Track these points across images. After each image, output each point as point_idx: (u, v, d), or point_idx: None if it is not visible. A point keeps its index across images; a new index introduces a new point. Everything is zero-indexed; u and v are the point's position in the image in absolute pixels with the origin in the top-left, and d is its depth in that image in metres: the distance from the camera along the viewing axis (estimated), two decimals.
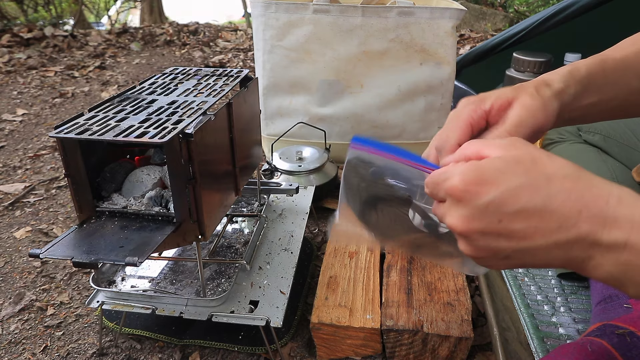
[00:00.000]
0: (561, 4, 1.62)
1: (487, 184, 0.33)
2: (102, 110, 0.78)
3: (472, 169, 0.34)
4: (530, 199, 0.32)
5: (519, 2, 5.34)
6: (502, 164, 0.34)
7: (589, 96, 0.49)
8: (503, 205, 0.33)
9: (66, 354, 0.98)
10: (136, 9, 6.88)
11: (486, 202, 0.33)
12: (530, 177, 0.33)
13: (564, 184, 0.32)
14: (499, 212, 0.33)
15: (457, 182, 0.34)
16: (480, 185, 0.33)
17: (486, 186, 0.33)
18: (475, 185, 0.34)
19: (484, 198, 0.33)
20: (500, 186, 0.33)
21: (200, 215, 0.76)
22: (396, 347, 0.88)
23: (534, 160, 0.34)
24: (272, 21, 1.46)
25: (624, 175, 0.98)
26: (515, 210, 0.33)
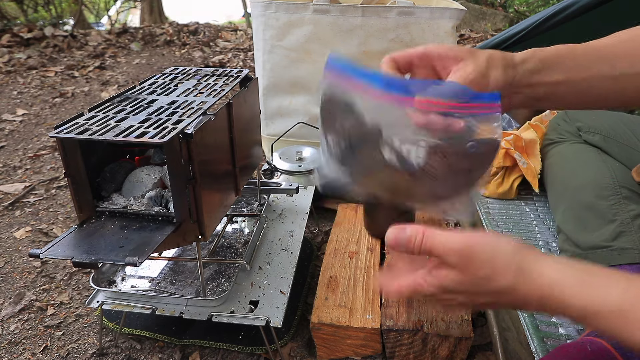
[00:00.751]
0: (561, 4, 1.61)
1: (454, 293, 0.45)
2: (102, 110, 0.78)
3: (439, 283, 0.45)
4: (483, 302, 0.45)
5: (519, 2, 5.34)
6: (460, 282, 0.44)
7: (554, 74, 0.52)
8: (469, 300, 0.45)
9: (66, 354, 0.98)
10: (136, 9, 6.88)
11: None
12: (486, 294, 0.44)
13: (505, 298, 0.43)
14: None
15: (430, 290, 0.45)
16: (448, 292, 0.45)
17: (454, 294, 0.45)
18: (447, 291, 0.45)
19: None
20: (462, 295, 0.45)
21: (200, 215, 0.76)
22: (396, 347, 0.88)
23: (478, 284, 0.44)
24: (272, 21, 1.46)
25: (624, 175, 0.98)
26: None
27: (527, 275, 0.42)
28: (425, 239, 0.45)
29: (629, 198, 0.93)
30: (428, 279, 0.45)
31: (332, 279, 0.99)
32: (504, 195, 1.29)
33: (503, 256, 0.43)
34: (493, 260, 0.42)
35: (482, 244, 0.43)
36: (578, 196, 1.00)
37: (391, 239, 0.46)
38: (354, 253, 1.07)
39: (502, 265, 0.42)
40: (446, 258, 0.43)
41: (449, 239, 0.44)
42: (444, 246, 0.43)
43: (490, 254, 0.43)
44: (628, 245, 0.84)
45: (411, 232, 0.45)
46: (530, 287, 0.41)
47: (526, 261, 0.42)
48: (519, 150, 1.29)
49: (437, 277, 0.44)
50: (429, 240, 0.44)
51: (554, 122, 1.28)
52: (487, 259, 0.43)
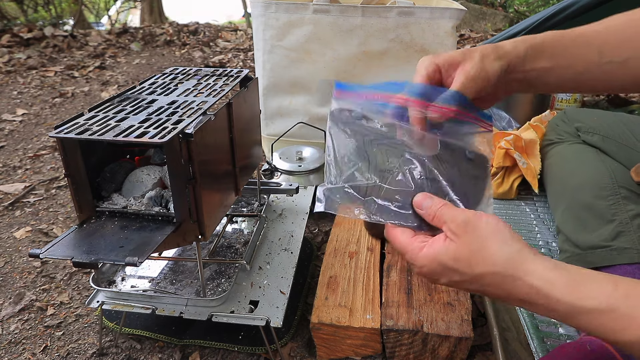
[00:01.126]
0: (561, 4, 1.61)
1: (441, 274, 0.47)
2: (102, 110, 0.78)
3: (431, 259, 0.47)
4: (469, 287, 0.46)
5: (519, 2, 5.34)
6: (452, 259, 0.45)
7: (543, 60, 0.54)
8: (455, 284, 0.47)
9: (66, 354, 0.98)
10: (136, 9, 6.88)
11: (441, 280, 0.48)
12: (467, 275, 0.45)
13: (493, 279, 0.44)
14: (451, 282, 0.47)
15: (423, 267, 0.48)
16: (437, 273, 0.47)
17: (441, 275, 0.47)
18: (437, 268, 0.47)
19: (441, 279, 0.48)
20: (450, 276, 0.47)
21: (200, 215, 0.76)
22: (396, 347, 0.88)
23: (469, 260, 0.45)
24: (272, 21, 1.46)
25: (623, 175, 0.98)
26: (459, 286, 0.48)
27: (518, 267, 0.42)
28: (442, 208, 0.47)
29: (628, 198, 0.93)
30: (425, 249, 0.47)
31: (332, 279, 0.99)
32: (504, 196, 1.29)
33: (499, 241, 0.44)
34: (489, 240, 0.44)
35: (485, 224, 0.45)
36: (577, 196, 1.00)
37: (419, 199, 0.50)
38: (354, 253, 1.07)
39: (495, 248, 0.43)
40: (449, 225, 0.46)
41: (459, 212, 0.46)
42: (452, 215, 0.46)
43: (488, 234, 0.44)
44: (627, 245, 0.84)
45: (436, 200, 0.49)
46: (519, 279, 0.42)
47: (521, 253, 0.43)
48: (519, 150, 1.29)
49: (432, 247, 0.46)
50: (444, 209, 0.47)
51: (553, 122, 1.28)
52: (483, 237, 0.44)
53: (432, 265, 0.46)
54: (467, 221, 0.45)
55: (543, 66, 0.54)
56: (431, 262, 0.46)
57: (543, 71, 0.54)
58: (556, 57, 0.54)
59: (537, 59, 0.54)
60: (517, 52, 0.53)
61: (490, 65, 0.52)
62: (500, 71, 0.52)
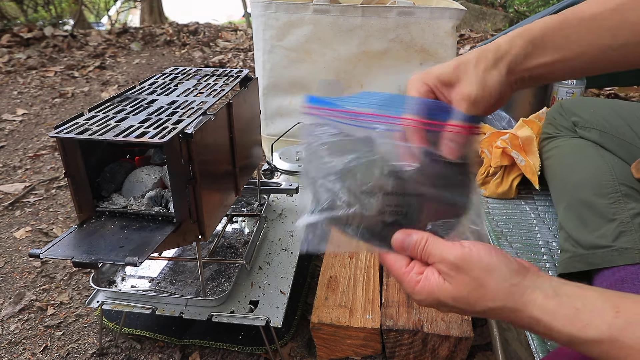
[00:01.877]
0: (561, 4, 1.61)
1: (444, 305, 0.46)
2: (102, 110, 0.78)
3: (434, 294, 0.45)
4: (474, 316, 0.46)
5: (519, 2, 5.34)
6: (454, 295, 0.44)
7: (546, 54, 0.49)
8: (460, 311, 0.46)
9: (66, 354, 0.98)
10: (136, 9, 6.88)
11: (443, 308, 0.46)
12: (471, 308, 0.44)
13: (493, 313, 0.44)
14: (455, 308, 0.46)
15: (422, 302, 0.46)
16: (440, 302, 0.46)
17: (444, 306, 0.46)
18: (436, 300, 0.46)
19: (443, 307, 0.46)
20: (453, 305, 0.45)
21: (200, 215, 0.76)
22: (396, 347, 0.88)
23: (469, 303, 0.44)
24: (272, 21, 1.46)
25: (623, 171, 0.97)
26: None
27: (518, 299, 0.42)
28: (427, 245, 0.45)
29: (629, 196, 0.92)
30: (421, 283, 0.45)
31: (332, 279, 0.99)
32: (504, 195, 1.29)
33: (496, 277, 0.43)
34: (485, 278, 0.43)
35: (477, 261, 0.43)
36: (577, 194, 1.00)
37: (398, 241, 0.47)
38: (354, 253, 1.07)
39: (493, 284, 0.42)
40: (439, 266, 0.44)
41: (447, 249, 0.44)
42: (441, 254, 0.44)
43: (483, 272, 0.43)
44: (628, 245, 0.84)
45: (417, 237, 0.46)
46: (519, 311, 0.42)
47: (519, 286, 0.42)
48: (516, 148, 1.29)
49: (429, 282, 0.45)
50: (430, 246, 0.45)
51: (550, 115, 1.28)
52: (479, 276, 0.43)
53: (430, 300, 0.45)
54: (458, 262, 0.43)
55: (548, 60, 0.50)
56: (429, 296, 0.45)
57: (549, 65, 0.50)
58: (561, 49, 0.49)
59: (540, 54, 0.50)
60: (516, 51, 0.49)
61: (490, 77, 0.48)
62: (499, 80, 0.49)
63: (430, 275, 0.45)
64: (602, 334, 0.38)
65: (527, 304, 0.41)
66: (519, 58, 0.49)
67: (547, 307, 0.40)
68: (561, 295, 0.41)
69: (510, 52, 0.49)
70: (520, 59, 0.49)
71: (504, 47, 0.49)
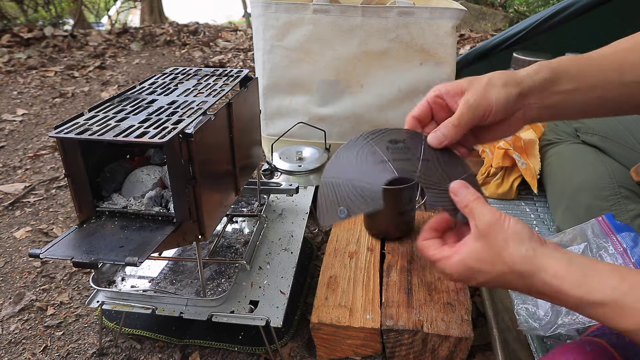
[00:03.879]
0: (561, 4, 1.62)
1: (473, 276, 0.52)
2: (102, 110, 0.78)
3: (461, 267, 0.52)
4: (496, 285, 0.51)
5: (519, 2, 5.34)
6: (478, 264, 0.51)
7: (564, 83, 0.55)
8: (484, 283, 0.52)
9: (66, 354, 0.98)
10: (136, 9, 6.88)
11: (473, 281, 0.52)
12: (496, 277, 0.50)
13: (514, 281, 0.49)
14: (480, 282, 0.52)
15: (454, 274, 0.53)
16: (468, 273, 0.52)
17: (472, 276, 0.52)
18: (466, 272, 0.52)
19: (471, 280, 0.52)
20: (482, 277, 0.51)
21: (200, 215, 0.76)
22: (396, 347, 0.88)
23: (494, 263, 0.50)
24: (272, 21, 1.46)
25: (623, 175, 0.98)
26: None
27: (533, 264, 0.46)
28: (475, 201, 0.52)
29: (629, 198, 0.93)
30: (454, 258, 0.52)
31: (332, 279, 0.99)
32: (504, 196, 1.29)
33: (518, 241, 0.48)
34: (508, 241, 0.48)
35: (507, 226, 0.49)
36: (577, 197, 1.00)
37: (456, 186, 0.54)
38: (354, 253, 1.07)
39: (513, 248, 0.48)
40: (477, 221, 0.51)
41: (487, 210, 0.50)
42: (480, 212, 0.50)
43: (508, 236, 0.48)
44: None
45: (471, 192, 0.53)
46: (534, 276, 0.46)
47: (536, 252, 0.47)
48: (518, 150, 1.29)
49: (460, 254, 0.51)
50: (476, 203, 0.52)
51: (552, 122, 1.28)
52: (504, 239, 0.48)
53: (461, 270, 0.51)
54: (492, 223, 0.49)
55: (566, 88, 0.55)
56: (459, 267, 0.51)
57: (566, 94, 0.55)
58: (576, 80, 0.55)
59: (558, 83, 0.55)
60: (533, 79, 0.54)
61: (495, 92, 0.53)
62: (505, 99, 0.53)
63: (461, 247, 0.52)
64: (606, 296, 0.42)
65: (540, 269, 0.46)
66: (535, 84, 0.55)
67: (558, 273, 0.45)
68: (573, 264, 0.45)
69: (527, 79, 0.55)
70: (537, 86, 0.55)
71: (521, 74, 0.55)
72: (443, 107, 0.57)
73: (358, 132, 0.61)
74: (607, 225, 0.84)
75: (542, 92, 0.55)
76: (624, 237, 0.81)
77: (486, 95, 0.53)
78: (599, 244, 0.83)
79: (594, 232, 0.85)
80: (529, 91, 0.54)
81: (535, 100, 0.55)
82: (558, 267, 0.45)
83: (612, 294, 0.41)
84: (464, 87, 0.55)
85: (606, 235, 0.83)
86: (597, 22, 1.64)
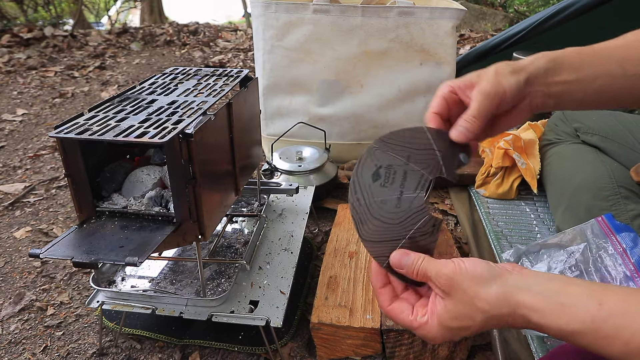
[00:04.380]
0: (561, 4, 1.62)
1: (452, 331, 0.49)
2: (102, 110, 0.78)
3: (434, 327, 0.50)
4: (483, 330, 0.49)
5: (519, 2, 5.34)
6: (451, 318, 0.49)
7: (565, 73, 0.55)
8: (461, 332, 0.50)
9: (66, 354, 0.98)
10: (136, 9, 6.88)
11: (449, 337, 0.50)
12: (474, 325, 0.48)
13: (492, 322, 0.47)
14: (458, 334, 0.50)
15: (437, 338, 0.50)
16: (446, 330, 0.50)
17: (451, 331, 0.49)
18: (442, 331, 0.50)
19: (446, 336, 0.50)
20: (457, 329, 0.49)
21: (200, 215, 0.76)
22: (396, 347, 0.88)
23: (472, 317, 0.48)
24: (272, 21, 1.46)
25: (623, 175, 0.98)
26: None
27: (509, 302, 0.45)
28: (424, 263, 0.50)
29: (628, 198, 0.93)
30: (429, 321, 0.50)
31: (332, 279, 0.99)
32: (504, 196, 1.29)
33: (484, 284, 0.46)
34: (474, 288, 0.46)
35: (465, 274, 0.47)
36: (577, 197, 1.00)
37: (396, 259, 0.52)
38: (354, 253, 1.07)
39: (483, 293, 0.46)
40: (435, 282, 0.49)
41: (442, 265, 0.48)
42: (436, 271, 0.48)
43: (472, 284, 0.47)
44: None
45: (414, 257, 0.51)
46: (512, 314, 0.45)
47: (505, 289, 0.46)
48: (518, 150, 1.29)
49: (434, 316, 0.49)
50: (426, 263, 0.50)
51: (552, 122, 1.28)
52: (469, 287, 0.47)
53: (444, 332, 0.49)
54: (451, 276, 0.47)
55: (566, 79, 0.55)
56: (441, 331, 0.49)
57: (567, 84, 0.55)
58: (578, 70, 0.55)
59: (559, 72, 0.55)
60: (536, 65, 0.54)
61: (506, 80, 0.53)
62: (516, 85, 0.53)
63: (433, 308, 0.50)
64: (586, 326, 0.41)
65: (518, 306, 0.45)
66: (539, 71, 0.54)
67: (535, 306, 0.44)
68: (547, 293, 0.44)
69: (530, 66, 0.54)
70: (540, 73, 0.54)
71: (524, 62, 0.55)
72: (456, 102, 0.57)
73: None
74: (606, 225, 0.84)
75: (546, 78, 0.55)
76: (624, 237, 0.81)
77: (500, 83, 0.53)
78: (599, 244, 0.83)
79: (593, 232, 0.85)
80: (534, 78, 0.54)
81: (540, 87, 0.55)
82: (533, 300, 0.44)
83: (592, 324, 0.41)
84: (473, 81, 0.55)
85: (606, 236, 0.83)
86: (597, 22, 1.64)
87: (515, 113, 0.57)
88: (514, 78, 0.53)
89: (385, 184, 0.54)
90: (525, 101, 0.56)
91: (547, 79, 0.55)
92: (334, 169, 1.47)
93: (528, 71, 0.54)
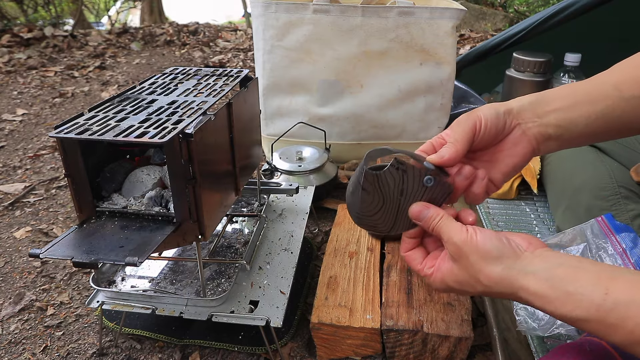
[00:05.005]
0: (561, 4, 1.61)
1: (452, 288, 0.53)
2: (102, 110, 0.78)
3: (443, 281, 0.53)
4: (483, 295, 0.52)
5: (519, 2, 5.34)
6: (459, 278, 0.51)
7: (556, 102, 0.55)
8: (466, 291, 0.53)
9: (66, 354, 0.98)
10: (136, 9, 6.88)
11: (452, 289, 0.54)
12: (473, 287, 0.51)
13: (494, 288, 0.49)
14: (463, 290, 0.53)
15: (439, 289, 0.55)
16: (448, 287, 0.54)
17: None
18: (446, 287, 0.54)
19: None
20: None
21: (200, 215, 0.76)
22: (396, 347, 0.88)
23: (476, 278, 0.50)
24: (272, 21, 1.46)
25: (623, 175, 0.98)
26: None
27: (513, 284, 0.46)
28: (441, 222, 0.51)
29: (629, 198, 0.93)
30: (434, 274, 0.54)
31: (332, 279, 0.99)
32: (504, 196, 1.29)
33: (492, 261, 0.47)
34: (481, 263, 0.48)
35: (476, 247, 0.48)
36: (577, 197, 1.00)
37: (416, 211, 0.53)
38: (354, 253, 1.07)
39: (489, 270, 0.48)
40: (446, 244, 0.51)
41: (455, 232, 0.50)
42: (448, 234, 0.50)
43: (479, 258, 0.48)
44: None
45: (433, 212, 0.52)
46: (515, 294, 0.47)
47: (511, 270, 0.47)
48: None
49: (440, 272, 0.53)
50: (442, 223, 0.51)
51: None
52: (477, 261, 0.48)
53: (445, 288, 0.52)
54: (461, 245, 0.49)
55: (559, 106, 0.54)
56: (443, 286, 0.52)
57: (562, 111, 0.54)
58: (571, 97, 0.55)
59: (547, 102, 0.55)
60: (520, 100, 0.56)
61: (482, 110, 0.55)
62: (494, 113, 0.55)
63: (440, 264, 0.53)
64: (591, 314, 0.42)
65: (521, 289, 0.46)
66: (523, 104, 0.56)
67: (538, 292, 0.45)
68: (553, 280, 0.44)
69: (514, 101, 0.57)
70: (525, 105, 0.56)
71: (510, 101, 0.57)
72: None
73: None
74: (606, 225, 0.84)
75: (534, 109, 0.55)
76: (624, 237, 0.81)
77: (475, 112, 0.55)
78: (599, 245, 0.83)
79: (593, 233, 0.85)
80: (519, 109, 0.56)
81: (530, 117, 0.55)
82: (537, 285, 0.44)
83: (597, 313, 0.41)
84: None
85: (605, 236, 0.83)
86: (597, 22, 1.64)
87: (510, 145, 0.57)
88: (491, 108, 0.55)
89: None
90: (517, 132, 0.56)
91: (537, 110, 0.55)
92: (334, 169, 1.48)
93: (509, 105, 0.56)
